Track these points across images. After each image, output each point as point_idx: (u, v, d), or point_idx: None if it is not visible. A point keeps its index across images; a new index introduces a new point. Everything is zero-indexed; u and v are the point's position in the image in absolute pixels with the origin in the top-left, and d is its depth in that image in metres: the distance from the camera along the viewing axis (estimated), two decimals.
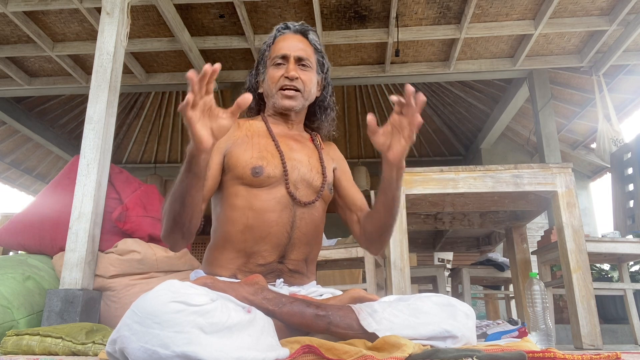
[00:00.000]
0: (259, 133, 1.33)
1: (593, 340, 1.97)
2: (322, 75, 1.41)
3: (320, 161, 1.36)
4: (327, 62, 1.42)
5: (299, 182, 1.27)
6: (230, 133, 1.30)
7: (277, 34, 1.38)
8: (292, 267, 1.26)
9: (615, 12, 4.10)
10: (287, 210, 1.24)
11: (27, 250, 2.55)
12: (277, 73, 1.32)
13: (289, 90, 1.30)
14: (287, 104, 1.31)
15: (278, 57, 1.32)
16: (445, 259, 4.47)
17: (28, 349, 1.62)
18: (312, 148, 1.39)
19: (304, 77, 1.32)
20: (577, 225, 2.11)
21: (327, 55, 1.45)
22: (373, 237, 1.30)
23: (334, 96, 1.47)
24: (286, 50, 1.32)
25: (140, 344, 0.82)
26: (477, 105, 6.36)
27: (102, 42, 2.78)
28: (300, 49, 1.33)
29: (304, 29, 1.38)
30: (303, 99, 1.33)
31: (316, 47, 1.39)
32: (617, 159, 3.14)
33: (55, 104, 6.32)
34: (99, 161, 2.53)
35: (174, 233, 1.13)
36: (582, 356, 0.95)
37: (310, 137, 1.42)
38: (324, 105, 1.43)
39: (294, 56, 1.32)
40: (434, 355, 0.90)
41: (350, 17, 4.32)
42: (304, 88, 1.32)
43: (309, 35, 1.38)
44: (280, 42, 1.35)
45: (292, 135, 1.37)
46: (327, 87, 1.44)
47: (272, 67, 1.34)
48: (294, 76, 1.30)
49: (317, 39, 1.40)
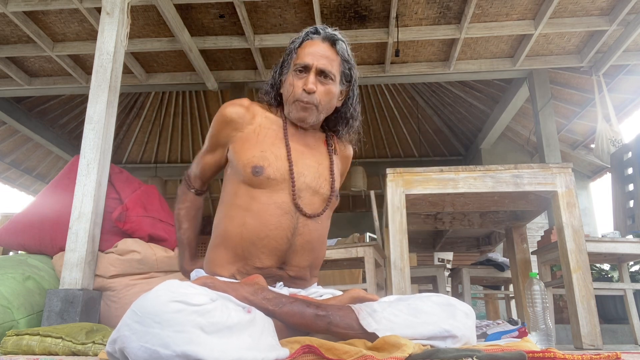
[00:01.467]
0: (270, 130, 1.30)
1: (593, 340, 1.97)
2: (346, 86, 1.37)
3: (331, 171, 1.33)
4: (354, 73, 1.37)
5: (304, 190, 1.25)
6: (239, 125, 1.29)
7: (305, 37, 1.34)
8: (294, 274, 1.24)
9: (615, 12, 4.10)
10: (288, 216, 1.22)
11: (27, 250, 2.55)
12: (297, 82, 1.28)
13: (305, 104, 1.27)
14: (300, 116, 1.29)
15: (300, 65, 1.29)
16: (445, 259, 4.47)
17: (28, 349, 1.62)
18: (324, 154, 1.36)
19: (322, 90, 1.28)
20: (577, 225, 2.11)
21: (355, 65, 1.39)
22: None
23: (359, 106, 1.42)
24: (309, 60, 1.28)
25: (140, 344, 0.82)
26: (477, 105, 6.36)
27: (102, 42, 2.78)
28: (324, 59, 1.29)
29: (333, 38, 1.33)
30: (318, 112, 1.30)
31: (344, 57, 1.33)
32: (617, 159, 3.14)
33: (55, 104, 6.32)
34: (99, 161, 2.53)
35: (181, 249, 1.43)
36: (582, 356, 0.95)
37: (325, 139, 1.39)
38: (345, 116, 1.39)
39: (316, 67, 1.27)
40: (434, 355, 0.90)
41: (350, 17, 4.32)
42: (320, 102, 1.28)
43: (337, 45, 1.33)
44: (306, 48, 1.31)
45: (305, 138, 1.34)
46: (352, 97, 1.39)
47: (293, 73, 1.30)
48: (312, 90, 1.26)
49: (346, 48, 1.35)
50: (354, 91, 1.39)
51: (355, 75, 1.38)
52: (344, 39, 1.35)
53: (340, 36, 1.35)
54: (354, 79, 1.38)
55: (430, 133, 7.37)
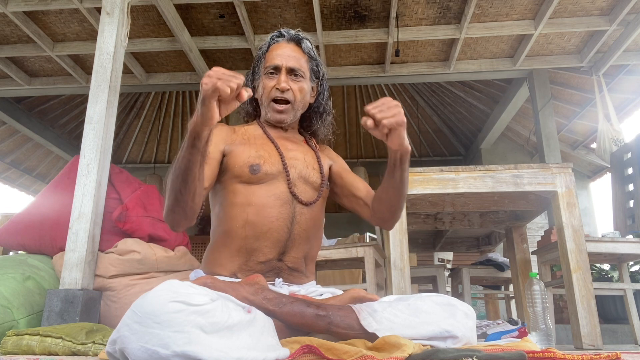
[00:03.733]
0: (255, 136, 1.36)
1: (593, 340, 1.97)
2: (316, 82, 1.43)
3: (317, 159, 1.39)
4: (322, 69, 1.44)
5: (297, 179, 1.30)
6: (226, 136, 1.34)
7: (271, 42, 1.40)
8: (291, 265, 1.27)
9: (615, 12, 4.10)
10: (287, 206, 1.26)
11: (27, 250, 2.55)
12: (269, 83, 1.35)
13: (280, 105, 1.34)
14: (278, 118, 1.36)
15: (270, 67, 1.35)
16: (445, 259, 4.47)
17: (28, 349, 1.62)
18: (307, 148, 1.43)
19: (295, 88, 1.34)
20: (577, 225, 2.11)
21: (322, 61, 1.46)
22: (385, 216, 1.34)
23: (330, 100, 1.49)
24: (278, 61, 1.34)
25: (140, 344, 0.82)
26: (477, 105, 6.36)
27: (102, 42, 2.78)
28: (292, 59, 1.35)
29: (298, 38, 1.40)
30: (294, 110, 1.36)
31: (310, 54, 1.40)
32: (617, 159, 3.14)
33: (55, 104, 6.32)
34: (99, 161, 2.53)
35: (175, 212, 1.14)
36: (582, 356, 0.95)
37: (305, 139, 1.46)
38: (319, 111, 1.46)
39: (285, 67, 1.34)
40: (434, 355, 0.90)
41: (350, 17, 4.32)
42: (294, 99, 1.35)
43: (303, 44, 1.39)
44: (273, 51, 1.37)
45: (287, 137, 1.41)
46: (323, 93, 1.45)
47: (265, 76, 1.36)
48: (285, 88, 1.32)
49: (312, 47, 1.42)
50: (324, 86, 1.46)
51: (323, 72, 1.44)
52: (308, 37, 1.42)
53: (305, 35, 1.41)
54: (322, 75, 1.44)
55: (430, 133, 7.37)
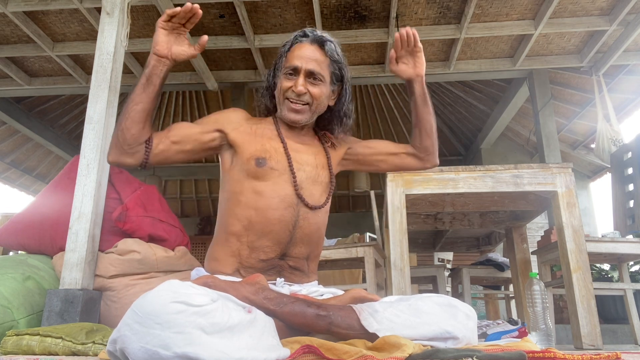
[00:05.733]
0: (265, 131, 1.35)
1: (593, 340, 1.97)
2: (338, 86, 1.40)
3: (328, 160, 1.38)
4: (345, 72, 1.40)
5: (304, 181, 1.30)
6: (236, 119, 1.34)
7: (294, 41, 1.37)
8: (293, 264, 1.28)
9: (615, 12, 4.10)
10: (291, 209, 1.26)
11: (27, 250, 2.55)
12: (287, 84, 1.32)
13: (296, 104, 1.32)
14: (293, 118, 1.33)
15: (290, 67, 1.32)
16: (445, 259, 4.47)
17: (28, 349, 1.62)
18: (320, 147, 1.41)
19: (313, 91, 1.31)
20: (577, 225, 2.11)
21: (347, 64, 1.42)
22: (427, 143, 1.45)
23: (352, 104, 1.46)
24: (298, 63, 1.31)
25: (140, 344, 0.82)
26: (477, 105, 6.36)
27: (102, 42, 2.78)
28: (312, 61, 1.32)
29: (322, 39, 1.35)
30: (310, 112, 1.34)
31: (333, 57, 1.36)
32: (617, 159, 3.14)
33: (55, 104, 6.31)
34: (99, 161, 2.53)
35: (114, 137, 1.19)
36: (582, 356, 0.95)
37: (319, 137, 1.44)
38: (339, 115, 1.42)
39: (305, 69, 1.30)
40: (433, 355, 0.90)
41: (350, 17, 4.32)
42: (312, 102, 1.32)
43: (326, 46, 1.35)
44: (295, 51, 1.34)
45: (299, 137, 1.39)
46: (345, 96, 1.42)
47: (284, 75, 1.34)
48: (302, 92, 1.30)
49: (336, 48, 1.37)
50: (347, 90, 1.42)
51: (347, 75, 1.41)
52: (333, 39, 1.38)
53: (329, 37, 1.37)
54: (346, 78, 1.41)
55: None
